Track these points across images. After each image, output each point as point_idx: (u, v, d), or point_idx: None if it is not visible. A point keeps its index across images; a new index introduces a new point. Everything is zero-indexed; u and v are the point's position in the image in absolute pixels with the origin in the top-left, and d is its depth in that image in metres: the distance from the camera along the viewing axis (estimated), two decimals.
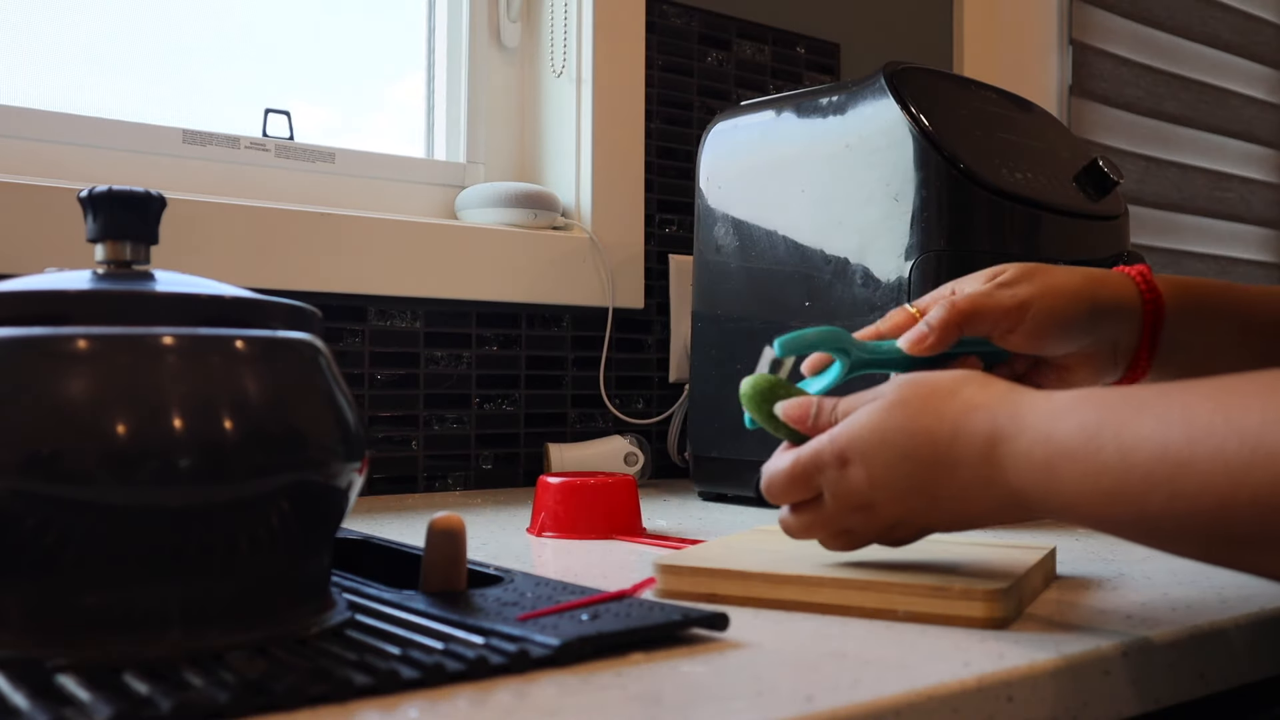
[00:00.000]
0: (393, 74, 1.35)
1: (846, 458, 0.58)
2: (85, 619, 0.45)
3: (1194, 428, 0.46)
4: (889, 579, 0.58)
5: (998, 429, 0.54)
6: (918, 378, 0.59)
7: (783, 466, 0.60)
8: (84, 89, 1.12)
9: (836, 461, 0.58)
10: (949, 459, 0.55)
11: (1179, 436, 0.46)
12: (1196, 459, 0.45)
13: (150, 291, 0.50)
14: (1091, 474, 0.49)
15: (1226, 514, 0.44)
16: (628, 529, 0.86)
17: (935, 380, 0.58)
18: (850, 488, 0.58)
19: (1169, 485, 0.46)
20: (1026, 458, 0.52)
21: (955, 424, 0.55)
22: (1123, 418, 0.49)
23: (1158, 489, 0.46)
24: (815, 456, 0.59)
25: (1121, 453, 0.48)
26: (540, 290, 1.25)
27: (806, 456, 0.59)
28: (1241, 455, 0.44)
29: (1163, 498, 0.46)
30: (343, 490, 0.52)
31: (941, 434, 0.55)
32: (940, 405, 0.56)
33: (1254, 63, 2.30)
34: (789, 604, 0.59)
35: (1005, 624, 0.55)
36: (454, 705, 0.42)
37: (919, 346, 0.65)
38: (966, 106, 1.00)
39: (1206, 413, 0.46)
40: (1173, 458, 0.46)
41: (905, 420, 0.57)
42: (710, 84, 1.42)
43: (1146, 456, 0.47)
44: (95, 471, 0.44)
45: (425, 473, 1.20)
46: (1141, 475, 0.47)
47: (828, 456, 0.58)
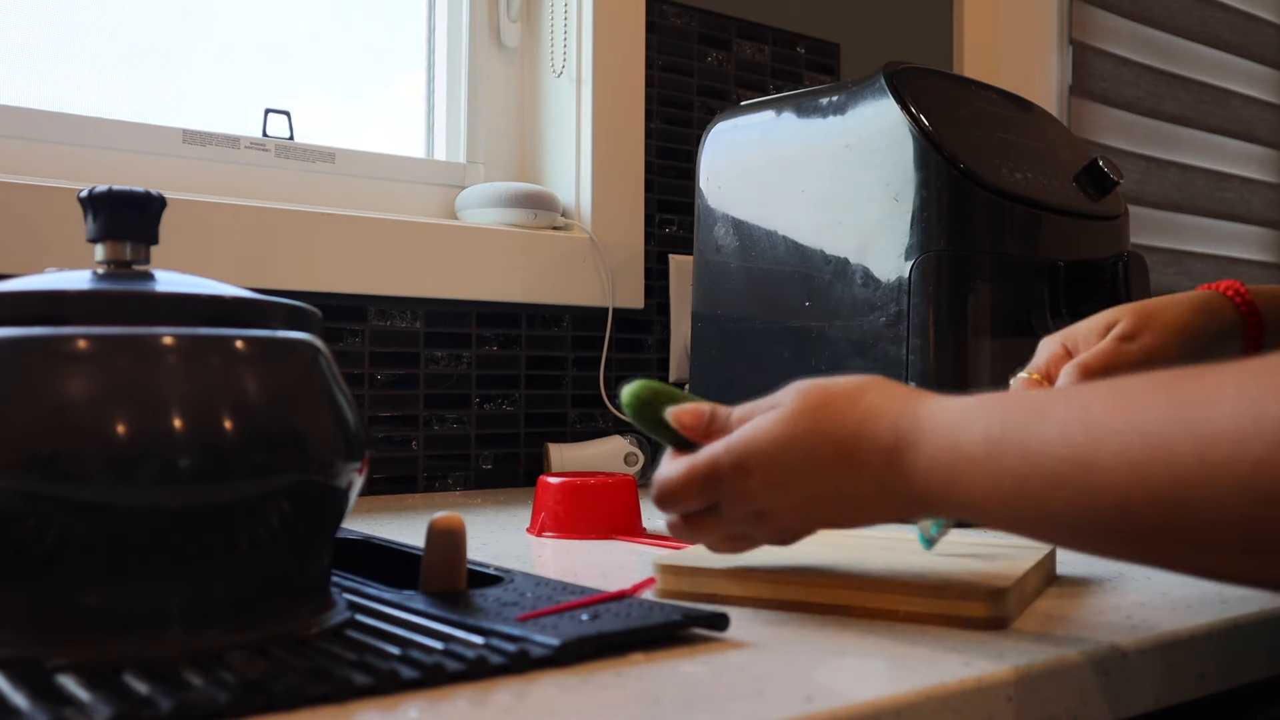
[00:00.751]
0: (393, 74, 1.35)
1: (746, 468, 0.57)
2: (85, 619, 0.45)
3: (1095, 428, 0.46)
4: (889, 579, 0.58)
5: (900, 436, 0.53)
6: (817, 382, 0.58)
7: (677, 474, 0.59)
8: (84, 89, 1.12)
9: (735, 471, 0.57)
10: (852, 465, 0.55)
11: (1080, 436, 0.46)
12: (1099, 457, 0.45)
13: (150, 291, 0.50)
14: (994, 477, 0.49)
15: (1128, 511, 0.45)
16: (628, 529, 0.86)
17: (836, 386, 0.58)
18: (747, 497, 0.57)
19: (1071, 485, 0.46)
20: (930, 464, 0.52)
21: (857, 430, 0.55)
22: (1026, 421, 0.49)
23: (1060, 489, 0.47)
24: (712, 466, 0.58)
25: (1025, 455, 0.48)
26: (540, 290, 1.25)
27: (703, 466, 0.58)
28: (1143, 453, 0.44)
29: (1065, 497, 0.46)
30: (343, 490, 0.52)
31: (844, 440, 0.55)
32: (842, 411, 0.56)
33: (1254, 63, 2.30)
34: (789, 604, 0.59)
35: (1005, 624, 0.55)
36: (454, 705, 0.42)
37: None
38: (966, 106, 1.00)
39: (1108, 413, 0.46)
40: (1075, 457, 0.46)
41: (807, 427, 0.56)
42: (710, 84, 1.42)
43: (1049, 458, 0.47)
44: (95, 471, 0.44)
45: (425, 473, 1.20)
46: (1044, 475, 0.47)
47: (725, 466, 0.57)
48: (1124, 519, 0.45)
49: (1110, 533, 0.46)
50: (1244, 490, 0.41)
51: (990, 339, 0.94)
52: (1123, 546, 0.47)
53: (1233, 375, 0.43)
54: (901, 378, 0.92)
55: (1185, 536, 0.44)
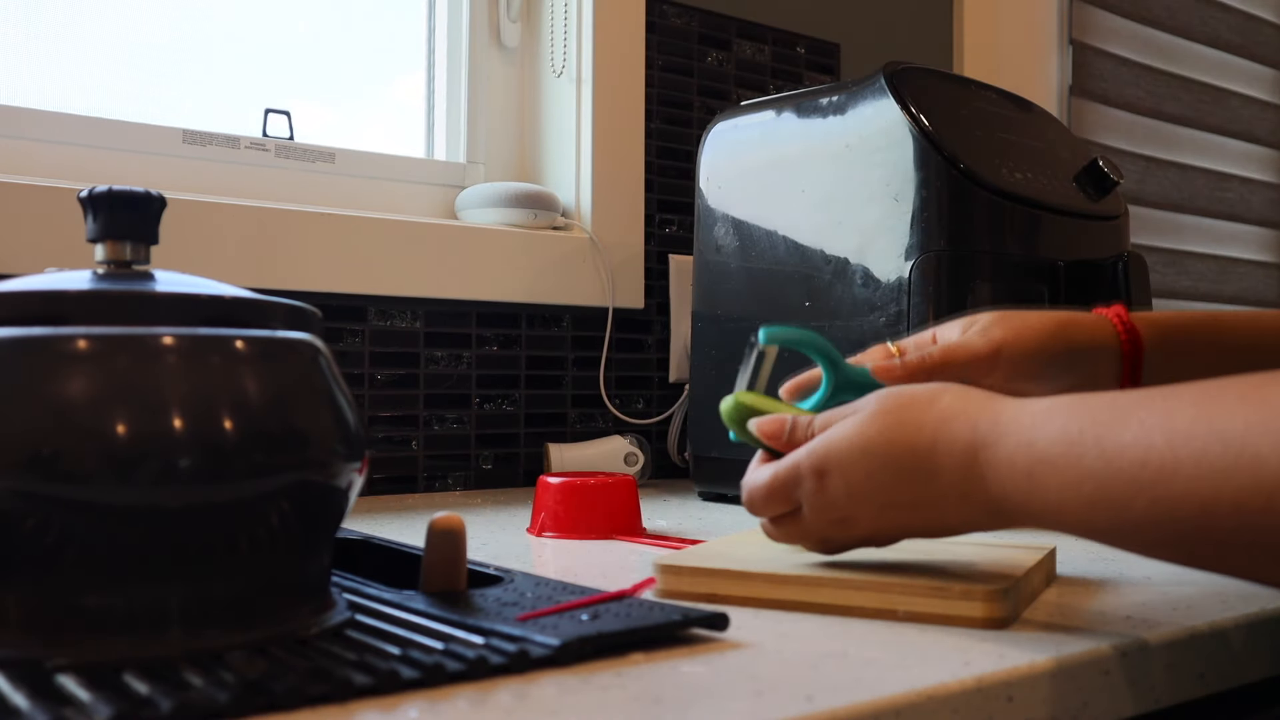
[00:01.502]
0: (393, 74, 1.35)
1: (824, 470, 0.58)
2: (85, 619, 0.45)
3: (1176, 433, 0.46)
4: (889, 579, 0.58)
5: (978, 437, 0.54)
6: (898, 390, 0.59)
7: (761, 481, 0.60)
8: (84, 89, 1.12)
9: (814, 474, 0.58)
10: (929, 468, 0.55)
11: (1161, 441, 0.46)
12: (1179, 464, 0.45)
13: (150, 291, 0.50)
14: (1074, 481, 0.49)
15: (1209, 518, 0.44)
16: (628, 529, 0.86)
17: (914, 391, 0.58)
18: (828, 501, 0.58)
19: (1151, 490, 0.46)
20: (1008, 465, 0.52)
21: (935, 432, 0.55)
22: (1105, 423, 0.49)
23: (1140, 494, 0.46)
24: (793, 470, 0.59)
25: (1104, 459, 0.48)
26: (540, 290, 1.25)
27: (784, 471, 0.59)
28: (1224, 459, 0.44)
29: (1145, 503, 0.46)
30: (343, 490, 0.52)
31: (921, 443, 0.55)
32: (919, 415, 0.56)
33: (1254, 63, 2.30)
34: (789, 604, 0.59)
35: (1005, 624, 0.55)
36: (454, 705, 0.42)
37: (887, 375, 0.65)
38: (966, 106, 1.00)
39: (1189, 418, 0.46)
40: (1155, 463, 0.46)
41: (884, 430, 0.56)
42: (710, 84, 1.42)
43: (1129, 462, 0.47)
44: (95, 471, 0.44)
45: (425, 473, 1.20)
46: (1124, 481, 0.47)
47: (805, 470, 0.58)
48: (1205, 526, 0.44)
49: (1191, 540, 0.46)
50: None
51: None
52: (1203, 555, 0.46)
53: None
54: None
55: (1268, 545, 0.43)
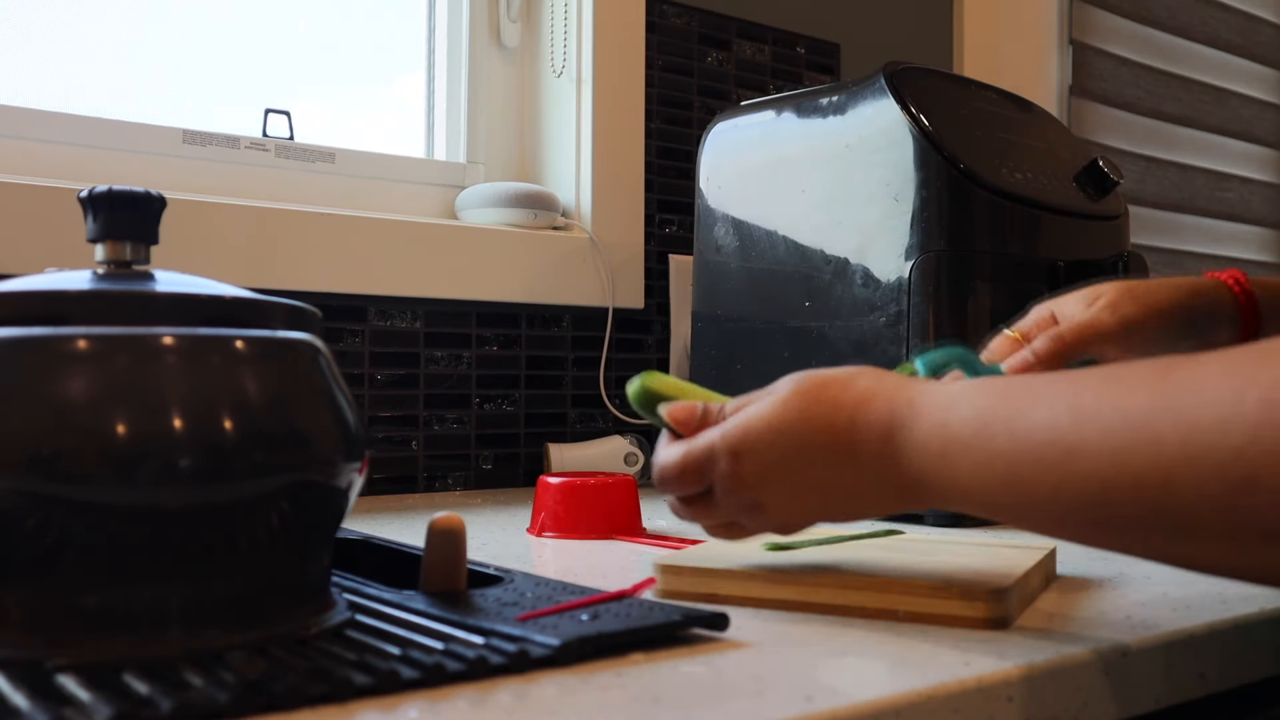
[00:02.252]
0: (393, 74, 1.35)
1: (738, 451, 0.57)
2: (85, 619, 0.45)
3: (1082, 411, 0.46)
4: (890, 579, 0.58)
5: (894, 417, 0.53)
6: (810, 372, 0.58)
7: (673, 458, 0.60)
8: (84, 89, 1.12)
9: (729, 455, 0.57)
10: (846, 448, 0.55)
11: (1067, 421, 0.46)
12: (1084, 443, 0.45)
13: (150, 291, 0.50)
14: (984, 461, 0.49)
15: (1109, 496, 0.45)
16: (628, 529, 0.86)
17: (827, 374, 0.58)
18: (740, 482, 0.57)
19: (1057, 470, 0.46)
20: (922, 446, 0.52)
21: (852, 413, 0.55)
22: (1016, 405, 0.49)
23: (1047, 474, 0.47)
24: (707, 450, 0.58)
25: (1013, 439, 0.48)
26: (540, 290, 1.25)
27: (698, 449, 0.59)
28: (1125, 437, 0.44)
29: (1051, 482, 0.46)
30: (343, 490, 0.52)
31: (839, 423, 0.55)
32: (837, 395, 0.56)
33: (1254, 63, 2.30)
34: (789, 604, 0.59)
35: (1005, 624, 0.55)
36: (454, 705, 0.42)
37: (1024, 371, 0.66)
38: (966, 106, 1.00)
39: (1094, 399, 0.46)
40: (1061, 443, 0.46)
41: (801, 410, 0.56)
42: (710, 84, 1.42)
43: (1037, 443, 0.47)
44: (95, 471, 0.44)
45: (425, 473, 1.20)
46: (1031, 461, 0.47)
47: (720, 449, 0.57)
48: (1107, 504, 0.45)
49: (1094, 518, 0.46)
50: (1225, 477, 0.41)
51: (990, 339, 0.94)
52: (1106, 533, 0.47)
53: (1219, 362, 0.43)
54: None
55: (1170, 525, 0.43)
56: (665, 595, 0.62)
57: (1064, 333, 0.66)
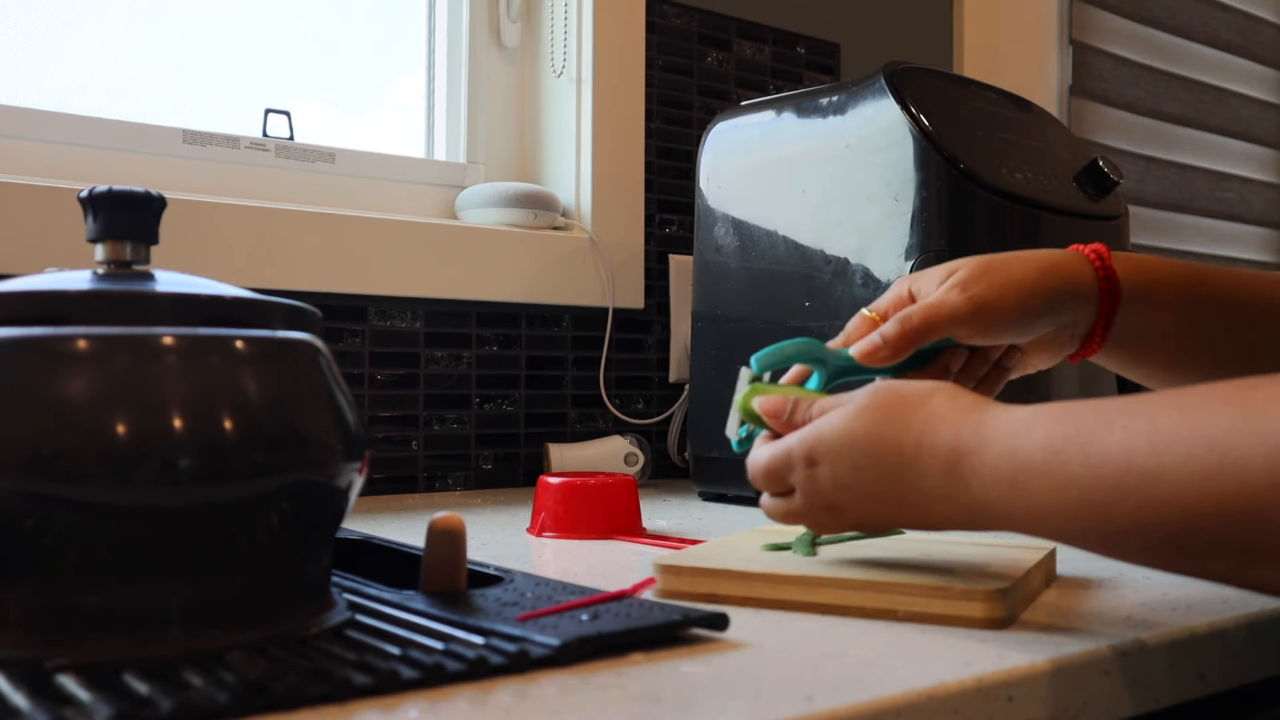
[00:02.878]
0: (393, 74, 1.35)
1: (813, 458, 0.59)
2: (85, 619, 0.45)
3: (1159, 438, 0.45)
4: (890, 579, 0.58)
5: (961, 442, 0.54)
6: (890, 385, 0.59)
7: (760, 461, 0.62)
8: (84, 89, 1.12)
9: (804, 461, 0.59)
10: (914, 469, 0.55)
11: (1144, 447, 0.46)
12: (1163, 469, 0.45)
13: (150, 291, 0.50)
14: (1057, 487, 0.49)
15: (1193, 522, 0.44)
16: (628, 529, 0.86)
17: (905, 389, 0.58)
18: (816, 488, 0.59)
19: (1136, 495, 0.46)
20: (991, 472, 0.52)
21: (920, 435, 0.55)
22: (1088, 430, 0.49)
23: (1124, 500, 0.46)
24: (785, 454, 0.60)
25: (1087, 465, 0.48)
26: (540, 290, 1.25)
27: (779, 454, 0.60)
28: (1208, 463, 0.43)
29: (1130, 508, 0.46)
30: (343, 490, 0.52)
31: (907, 443, 0.56)
32: (908, 414, 0.56)
33: (1254, 63, 2.30)
34: (789, 604, 0.59)
35: (1005, 624, 0.55)
36: (454, 705, 0.42)
37: (872, 359, 0.65)
38: (966, 106, 1.00)
39: (1172, 422, 0.46)
40: (1139, 468, 0.46)
41: (872, 426, 0.57)
42: (710, 84, 1.42)
43: (1113, 468, 0.47)
44: (95, 471, 0.44)
45: (425, 473, 1.20)
46: (1108, 487, 0.47)
47: (796, 455, 0.59)
48: (1189, 531, 0.44)
49: (1178, 546, 0.46)
50: None
51: None
52: (1192, 561, 0.46)
53: None
54: None
55: (1254, 549, 0.43)
56: (665, 595, 0.62)
57: (912, 314, 0.65)
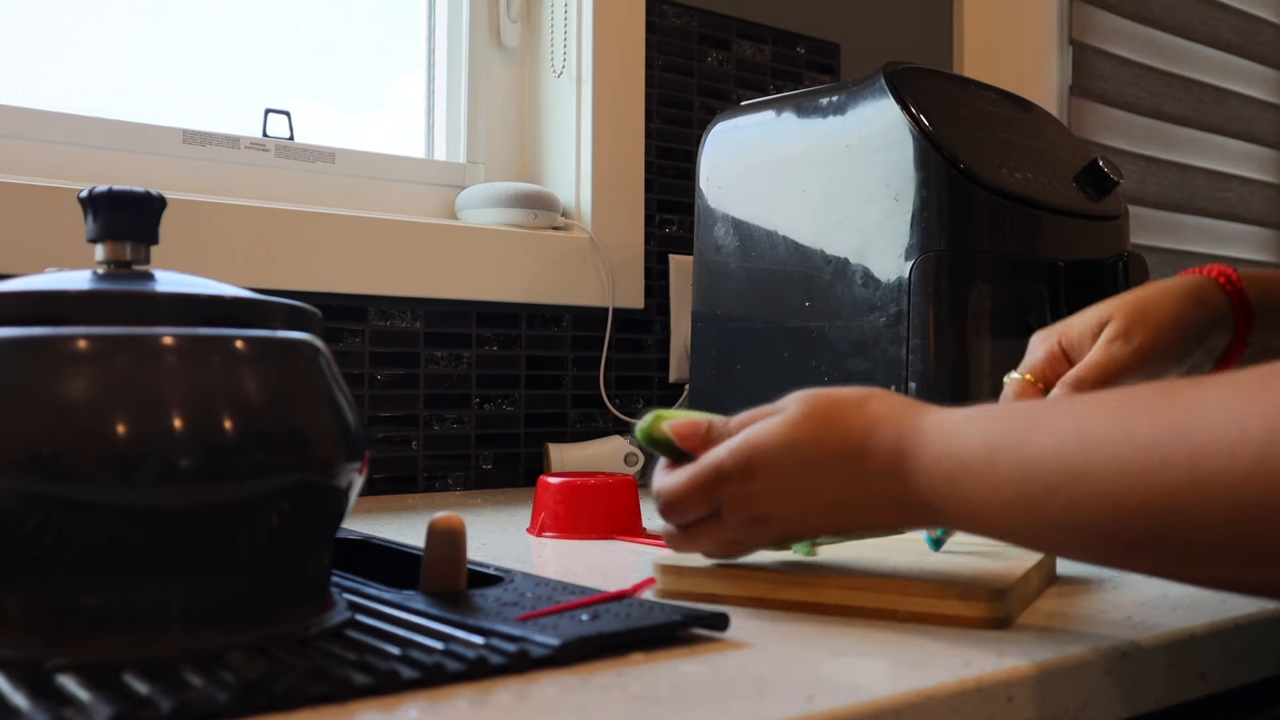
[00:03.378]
0: (393, 74, 1.35)
1: (749, 468, 0.57)
2: (85, 619, 0.45)
3: (1089, 438, 0.46)
4: (890, 579, 0.58)
5: (902, 444, 0.54)
6: (819, 392, 0.59)
7: (679, 481, 0.59)
8: (84, 89, 1.12)
9: (739, 472, 0.57)
10: (855, 471, 0.55)
11: (1075, 446, 0.47)
12: (1092, 467, 0.46)
13: (150, 291, 0.50)
14: (992, 487, 0.50)
15: (1120, 520, 0.45)
16: (628, 529, 0.86)
17: (837, 394, 0.58)
18: (750, 499, 0.58)
19: (1066, 494, 0.47)
20: (929, 473, 0.53)
21: (861, 438, 0.56)
22: (1022, 431, 0.49)
23: (1055, 497, 0.47)
24: (714, 469, 0.58)
25: (1021, 465, 0.49)
26: (540, 290, 1.25)
27: (705, 470, 0.58)
28: (1135, 462, 0.44)
29: (1060, 506, 0.47)
30: (343, 490, 0.52)
31: (848, 446, 0.56)
32: (846, 418, 0.57)
33: (1254, 63, 2.30)
34: (789, 604, 0.59)
35: (1006, 624, 0.55)
36: (454, 705, 0.42)
37: None
38: (966, 106, 1.00)
39: (1102, 423, 0.47)
40: (1069, 468, 0.47)
41: (812, 432, 0.57)
42: (710, 84, 1.42)
43: (1045, 468, 0.48)
44: (95, 471, 0.44)
45: (425, 473, 1.20)
46: (1039, 485, 0.48)
47: (729, 468, 0.58)
48: (1118, 529, 0.45)
49: (1106, 542, 0.47)
50: (1233, 500, 0.41)
51: (990, 339, 0.94)
52: (1119, 555, 0.47)
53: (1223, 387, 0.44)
54: (901, 378, 0.92)
55: (1180, 545, 0.44)
56: (665, 595, 0.62)
57: (1084, 375, 0.66)
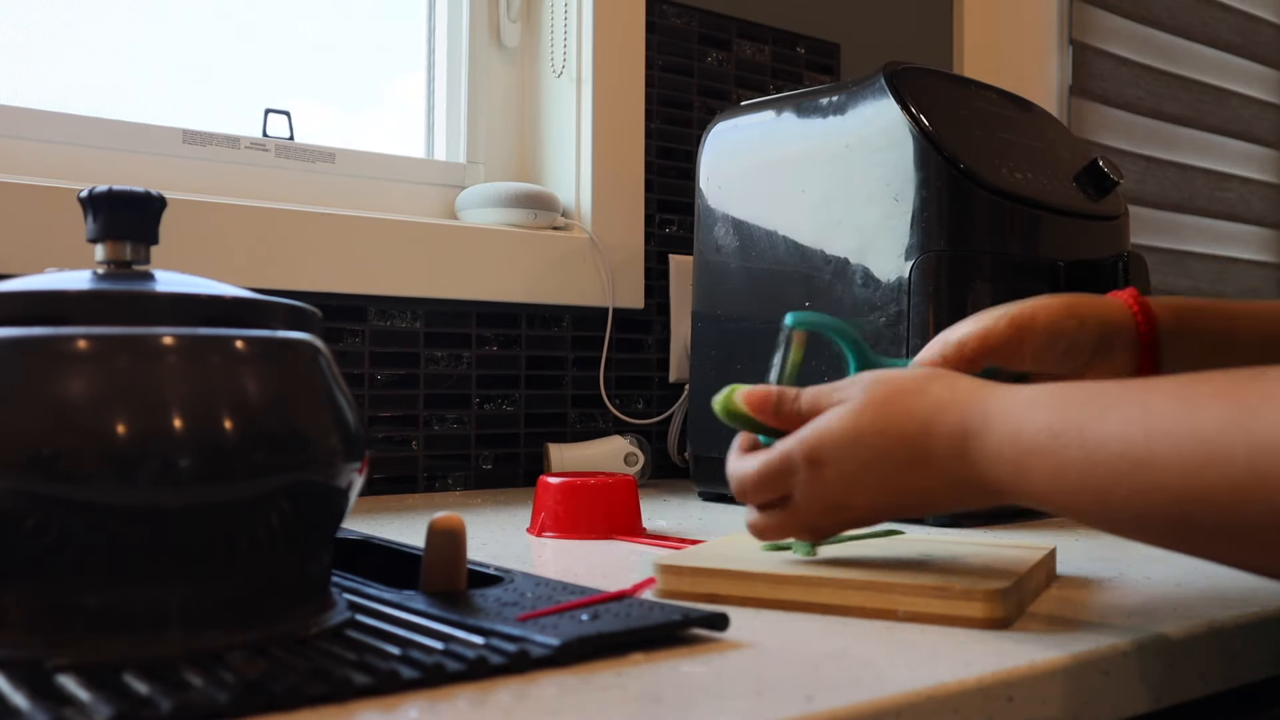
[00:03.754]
0: (393, 74, 1.35)
1: (818, 459, 0.59)
2: (85, 619, 0.45)
3: (1153, 428, 0.47)
4: (890, 579, 0.58)
5: (968, 426, 0.55)
6: (883, 375, 0.60)
7: (751, 468, 0.62)
8: (84, 89, 1.12)
9: (808, 464, 0.59)
10: (921, 457, 0.57)
11: (1139, 435, 0.48)
12: (1154, 457, 0.47)
13: (150, 291, 0.50)
14: (1058, 470, 0.51)
15: (1182, 510, 0.46)
16: (628, 529, 0.86)
17: (902, 378, 0.60)
18: (822, 489, 0.59)
19: (1129, 481, 0.48)
20: (996, 455, 0.54)
21: (925, 422, 0.57)
22: (1087, 416, 0.50)
23: (1119, 485, 0.48)
24: (785, 459, 0.60)
25: (1085, 450, 0.50)
26: (540, 290, 1.25)
27: (776, 459, 0.60)
28: (1197, 456, 0.45)
29: (1124, 493, 0.48)
30: (343, 490, 0.52)
31: (912, 432, 0.57)
32: (910, 404, 0.58)
33: (1254, 63, 2.30)
34: (789, 604, 0.59)
35: (1006, 624, 0.55)
36: (454, 705, 0.42)
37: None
38: (966, 106, 1.00)
39: (1166, 413, 0.47)
40: (1132, 455, 0.48)
41: (876, 420, 0.58)
42: (710, 84, 1.42)
43: (1108, 454, 0.49)
44: (95, 471, 0.44)
45: (425, 473, 1.20)
46: (1103, 472, 0.49)
47: (798, 459, 0.59)
48: (1181, 519, 0.46)
49: (1169, 530, 0.48)
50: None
51: None
52: (1183, 543, 0.48)
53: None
54: None
55: (1243, 537, 0.45)
56: (665, 595, 0.62)
57: (966, 342, 0.67)
